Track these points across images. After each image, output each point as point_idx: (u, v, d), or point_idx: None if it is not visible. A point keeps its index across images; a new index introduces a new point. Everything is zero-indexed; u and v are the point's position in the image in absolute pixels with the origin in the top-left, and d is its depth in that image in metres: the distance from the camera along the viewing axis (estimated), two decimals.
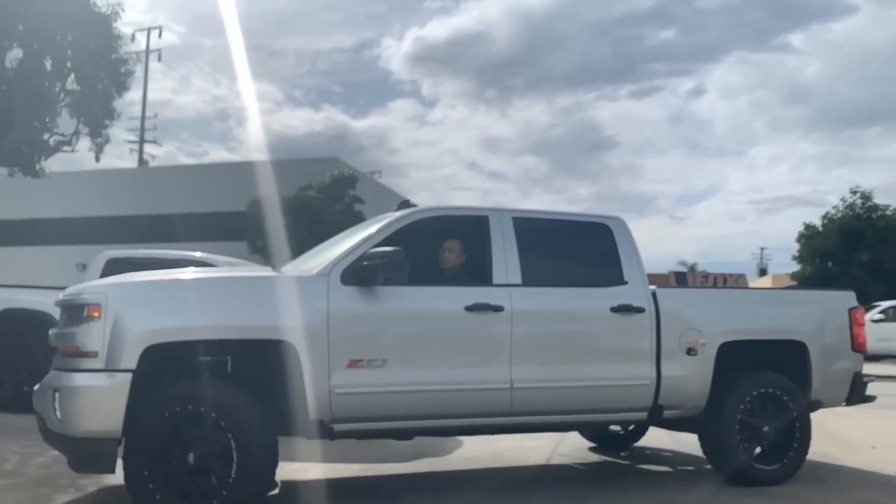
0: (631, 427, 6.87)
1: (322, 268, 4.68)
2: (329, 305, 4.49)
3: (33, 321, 7.99)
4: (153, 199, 32.34)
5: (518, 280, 4.98)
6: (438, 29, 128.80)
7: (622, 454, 7.02)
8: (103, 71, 13.31)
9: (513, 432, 5.65)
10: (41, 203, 31.85)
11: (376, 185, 33.23)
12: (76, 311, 4.29)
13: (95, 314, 4.15)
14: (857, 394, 5.94)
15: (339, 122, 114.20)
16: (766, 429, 5.51)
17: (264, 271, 5.07)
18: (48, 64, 12.83)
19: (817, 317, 5.91)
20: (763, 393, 5.54)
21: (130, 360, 4.07)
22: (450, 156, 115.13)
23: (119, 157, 39.94)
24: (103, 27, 13.20)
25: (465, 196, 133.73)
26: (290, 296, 4.53)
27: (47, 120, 13.53)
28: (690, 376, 5.32)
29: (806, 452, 5.65)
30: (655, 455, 7.07)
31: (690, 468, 6.44)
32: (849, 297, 6.17)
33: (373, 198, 28.20)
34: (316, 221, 23.96)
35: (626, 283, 5.30)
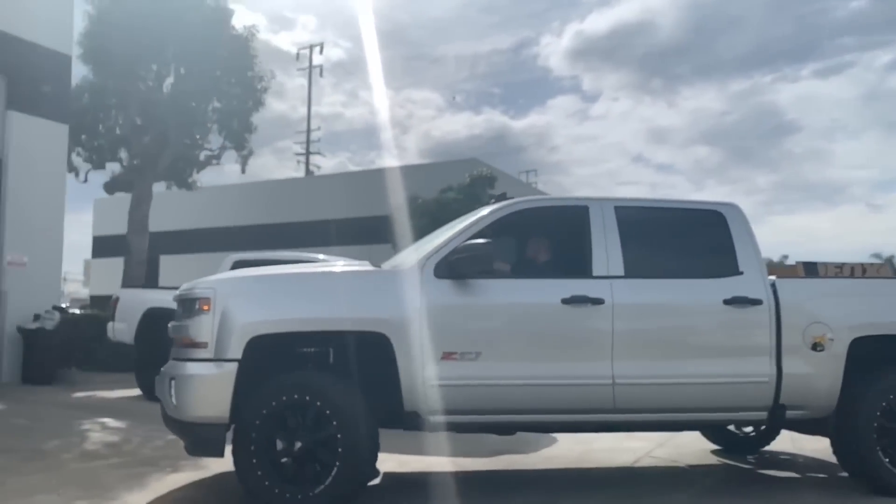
0: (760, 429, 6.40)
1: (417, 261, 4.71)
2: (422, 298, 4.51)
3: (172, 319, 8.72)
4: (313, 206, 34.14)
5: (620, 272, 4.81)
6: (599, 22, 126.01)
7: (749, 458, 6.47)
8: (241, 88, 14.23)
9: (617, 430, 5.44)
10: (213, 212, 34.70)
11: (517, 182, 33.04)
12: (189, 305, 4.54)
13: (205, 308, 4.39)
14: None
15: (499, 124, 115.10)
16: None
17: (362, 266, 5.14)
18: (195, 85, 13.88)
19: None
20: None
21: (236, 350, 4.27)
22: (614, 150, 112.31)
23: (295, 168, 42.79)
24: (241, 48, 14.13)
25: (632, 190, 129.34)
26: (384, 289, 4.63)
27: (197, 137, 14.71)
28: (817, 374, 4.90)
29: None
30: (789, 461, 6.49)
31: (823, 476, 5.81)
32: None
33: (514, 195, 28.08)
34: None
35: (741, 273, 4.97)
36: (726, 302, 4.85)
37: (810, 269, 5.81)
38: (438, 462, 6.02)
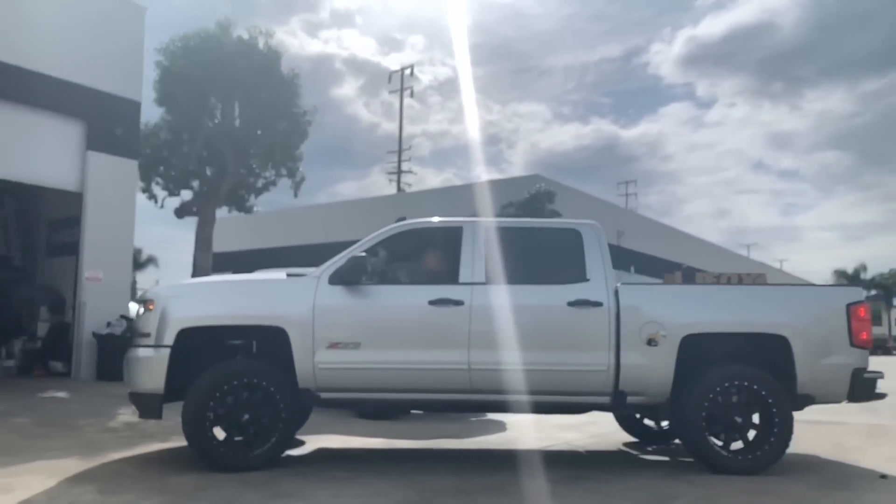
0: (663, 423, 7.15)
1: (318, 270, 5.91)
2: (315, 300, 5.70)
3: None
4: (387, 223, 35.77)
5: (482, 279, 5.82)
6: (713, 26, 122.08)
7: (649, 448, 7.29)
8: (287, 122, 16.06)
9: (475, 410, 6.38)
10: (304, 230, 37.09)
11: (581, 196, 33.55)
12: (141, 306, 5.89)
13: (151, 307, 5.74)
14: (859, 390, 5.86)
15: (608, 134, 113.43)
16: (738, 419, 5.73)
17: (273, 274, 6.35)
18: (248, 122, 15.81)
19: (805, 312, 5.96)
20: (734, 384, 5.73)
21: (170, 338, 5.58)
22: (732, 157, 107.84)
23: (417, 184, 44.15)
24: (287, 88, 16.00)
25: (751, 199, 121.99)
26: (286, 293, 5.84)
27: (253, 166, 16.64)
28: (651, 365, 5.70)
29: (787, 443, 5.73)
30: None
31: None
32: (850, 293, 6.08)
33: (575, 209, 28.68)
34: None
35: (588, 280, 5.88)
36: (570, 304, 5.76)
37: (688, 277, 6.69)
38: (375, 442, 7.23)
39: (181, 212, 17.03)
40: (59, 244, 15.20)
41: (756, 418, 5.82)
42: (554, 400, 5.82)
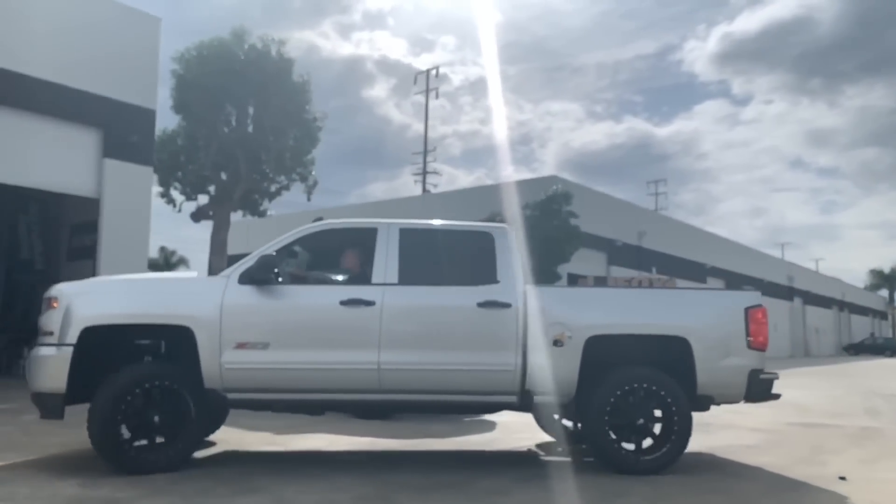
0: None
1: (228, 269, 5.89)
2: (223, 300, 5.60)
3: None
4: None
5: (395, 280, 5.83)
6: (749, 22, 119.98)
7: (559, 449, 7.27)
8: (298, 128, 16.44)
9: (385, 410, 6.40)
10: None
11: (600, 197, 33.47)
12: (45, 303, 5.68)
13: (54, 304, 5.56)
14: (755, 391, 6.00)
15: (642, 132, 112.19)
16: (640, 420, 5.83)
17: (186, 273, 6.50)
18: (261, 128, 16.22)
19: (705, 315, 6.10)
20: (636, 386, 5.82)
21: (73, 337, 5.41)
22: (768, 155, 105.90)
23: (447, 184, 43.99)
24: (298, 95, 16.37)
25: (788, 197, 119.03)
26: (193, 292, 5.80)
27: (266, 171, 17.04)
28: (556, 366, 5.76)
29: (685, 444, 5.86)
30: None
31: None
32: (748, 297, 6.21)
33: (592, 210, 28.66)
34: (530, 237, 25.06)
35: (498, 282, 5.94)
36: (480, 304, 5.79)
37: (599, 282, 6.89)
38: (360, 441, 7.49)
39: (197, 216, 17.50)
40: (79, 248, 15.75)
41: (657, 419, 5.91)
42: (463, 399, 5.86)
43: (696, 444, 6.21)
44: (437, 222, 6.51)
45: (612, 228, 32.76)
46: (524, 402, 5.83)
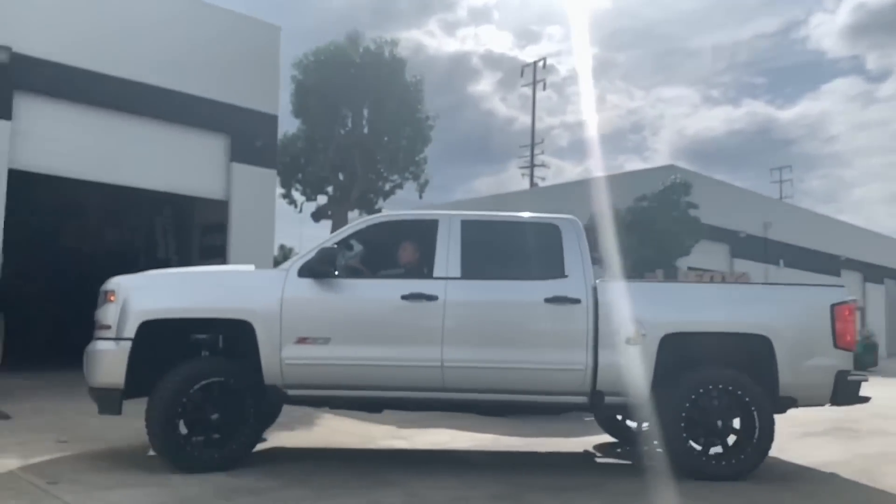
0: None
1: (287, 263, 5.79)
2: (283, 294, 5.48)
3: None
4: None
5: (457, 274, 5.63)
6: None
7: (618, 450, 7.07)
8: (411, 128, 16.72)
9: (448, 409, 6.08)
10: None
11: (721, 186, 31.99)
12: (102, 297, 5.59)
13: (111, 298, 5.46)
14: (843, 393, 5.63)
15: (763, 116, 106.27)
16: (718, 423, 5.54)
17: (242, 266, 6.24)
18: (375, 129, 16.62)
19: (788, 312, 5.74)
20: (714, 387, 5.54)
21: (131, 331, 5.31)
22: None
23: (555, 177, 43.34)
24: (411, 95, 16.66)
25: None
26: (252, 285, 5.72)
27: (381, 170, 17.45)
28: (630, 365, 5.48)
29: (767, 449, 5.54)
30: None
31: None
32: (834, 293, 5.82)
33: (713, 200, 27.52)
34: (648, 230, 24.46)
35: (566, 276, 5.68)
36: (547, 300, 5.54)
37: (670, 275, 6.46)
38: (483, 438, 7.49)
39: (317, 215, 18.17)
40: (210, 248, 16.66)
41: (737, 422, 5.60)
42: (529, 400, 5.65)
43: (843, 451, 5.80)
44: (500, 214, 6.32)
45: (734, 219, 31.23)
46: (595, 402, 5.60)
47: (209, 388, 5.37)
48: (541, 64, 43.94)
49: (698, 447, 5.54)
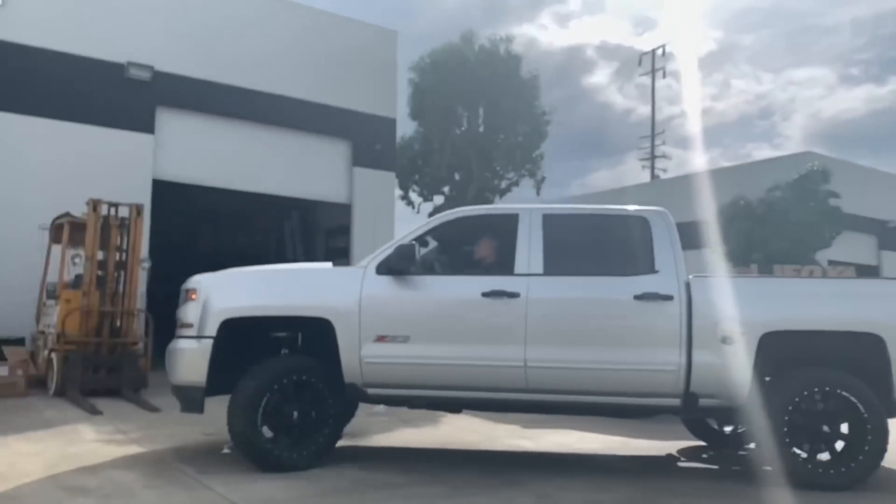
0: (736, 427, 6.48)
1: (365, 260, 5.65)
2: (362, 291, 5.40)
3: None
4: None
5: (540, 270, 5.42)
6: None
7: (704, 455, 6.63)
8: (527, 124, 16.59)
9: (531, 410, 5.85)
10: None
11: (868, 173, 29.62)
12: (183, 295, 5.62)
13: (193, 296, 5.49)
14: None
15: None
16: (824, 428, 5.15)
17: (320, 264, 6.12)
18: (491, 127, 16.63)
19: None
20: (819, 389, 5.14)
21: (212, 329, 5.32)
22: None
23: (677, 168, 41.77)
24: (526, 91, 16.53)
25: None
26: (331, 283, 5.64)
27: (497, 169, 17.44)
28: (727, 365, 5.16)
29: (880, 457, 5.11)
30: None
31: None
32: None
33: (856, 188, 25.69)
34: (782, 222, 23.17)
35: (657, 271, 5.39)
36: (637, 297, 5.27)
37: (765, 270, 5.90)
38: (612, 440, 7.29)
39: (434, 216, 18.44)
40: (335, 249, 17.27)
41: (845, 428, 5.15)
42: (618, 402, 5.38)
43: None
44: (584, 207, 6.06)
45: (882, 208, 28.85)
46: (688, 405, 5.28)
47: (290, 386, 5.33)
48: (659, 51, 42.40)
49: (803, 454, 5.18)
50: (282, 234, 19.37)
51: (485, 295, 5.35)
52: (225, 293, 5.52)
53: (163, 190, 13.33)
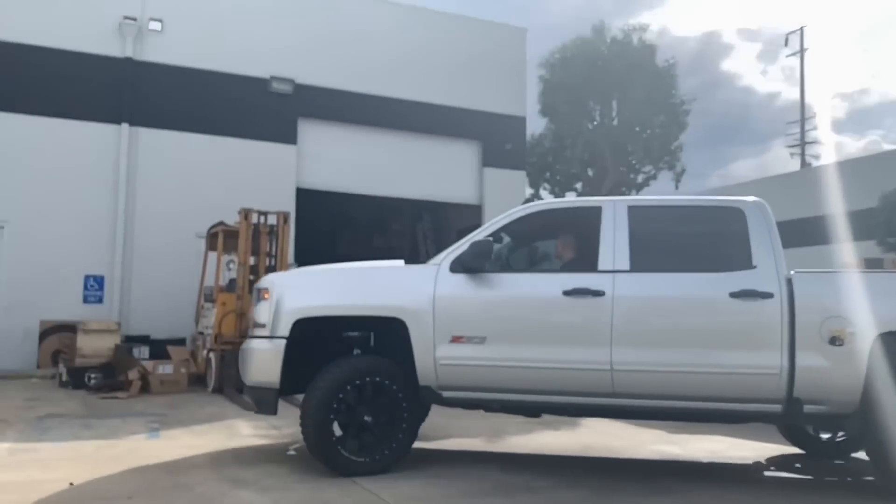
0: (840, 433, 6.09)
1: (438, 257, 5.41)
2: (436, 290, 5.19)
3: None
4: (806, 201, 31.56)
5: (626, 266, 5.10)
6: None
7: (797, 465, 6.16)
8: (664, 115, 15.95)
9: (617, 416, 5.54)
10: None
11: None
12: (258, 294, 5.59)
13: (266, 296, 5.41)
14: None
15: None
16: None
17: (392, 262, 5.80)
18: (626, 120, 16.15)
19: None
20: None
21: (285, 329, 5.23)
22: None
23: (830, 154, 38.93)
24: (663, 80, 15.90)
25: None
26: (403, 282, 5.40)
27: (633, 162, 16.90)
28: (835, 369, 4.75)
29: None
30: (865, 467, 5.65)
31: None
32: None
33: None
34: None
35: (754, 267, 4.99)
36: (733, 295, 4.88)
37: (872, 264, 5.17)
38: (765, 448, 6.83)
39: None
40: None
41: None
42: (712, 407, 4.98)
43: None
44: (673, 198, 5.64)
45: None
46: (791, 411, 4.87)
47: (363, 387, 5.17)
48: (808, 29, 39.30)
49: None
50: (415, 237, 19.76)
51: (566, 293, 5.09)
52: (297, 293, 5.44)
53: (305, 197, 13.98)
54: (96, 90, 12.61)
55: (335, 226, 20.35)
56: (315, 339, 5.41)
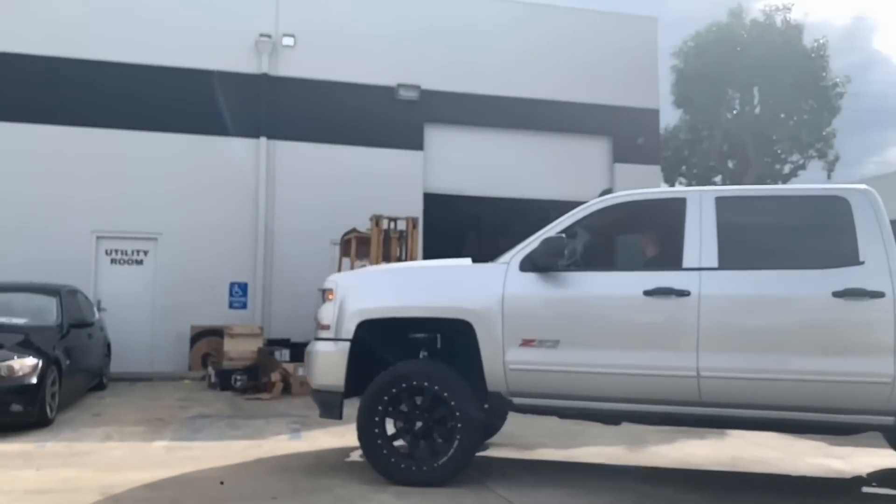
0: None
1: (507, 255, 5.06)
2: (504, 290, 4.87)
3: None
4: None
5: (714, 263, 4.66)
6: None
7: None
8: (814, 100, 14.70)
9: (704, 425, 5.08)
10: None
11: None
12: (321, 295, 5.44)
13: (330, 297, 5.26)
14: None
15: None
16: None
17: (459, 261, 5.47)
18: (770, 108, 15.05)
19: None
20: None
21: (349, 331, 5.06)
22: None
23: None
24: (811, 62, 14.67)
25: None
26: (470, 282, 5.08)
27: (778, 152, 15.70)
28: None
29: None
30: None
31: None
32: None
33: None
34: None
35: (861, 263, 4.52)
36: (836, 294, 4.43)
37: None
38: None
39: None
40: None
41: None
42: (810, 418, 4.53)
43: None
44: (766, 187, 5.12)
45: None
46: None
47: (407, 393, 4.97)
48: None
49: None
50: None
51: (647, 293, 4.70)
52: (361, 293, 5.23)
53: (432, 202, 14.07)
54: (237, 106, 13.29)
55: (462, 229, 20.40)
56: (387, 340, 5.21)
